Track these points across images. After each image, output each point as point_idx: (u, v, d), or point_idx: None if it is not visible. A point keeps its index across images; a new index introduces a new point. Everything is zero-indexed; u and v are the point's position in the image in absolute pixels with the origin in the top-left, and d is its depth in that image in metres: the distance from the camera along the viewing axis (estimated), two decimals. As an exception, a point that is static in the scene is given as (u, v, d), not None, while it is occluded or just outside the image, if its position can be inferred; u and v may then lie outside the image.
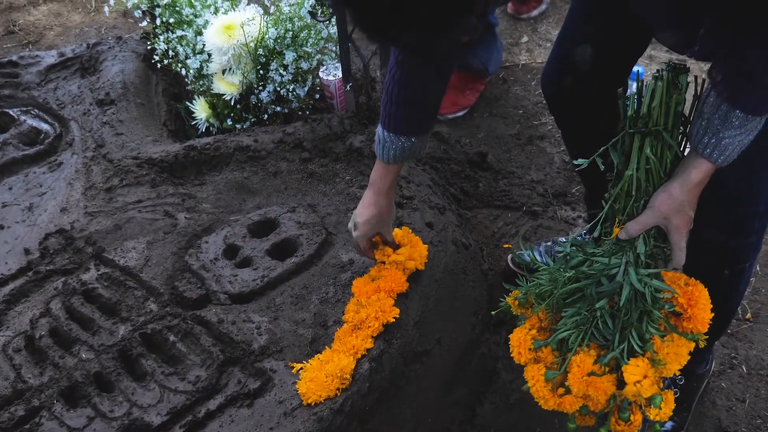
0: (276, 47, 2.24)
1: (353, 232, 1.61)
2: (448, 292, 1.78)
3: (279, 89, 2.26)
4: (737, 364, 1.97)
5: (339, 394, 1.47)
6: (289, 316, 1.67)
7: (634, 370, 1.26)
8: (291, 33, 2.25)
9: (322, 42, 2.30)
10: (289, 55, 2.22)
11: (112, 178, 2.07)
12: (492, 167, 2.51)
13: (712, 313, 1.31)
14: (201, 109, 2.34)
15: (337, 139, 2.14)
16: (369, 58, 2.23)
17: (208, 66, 2.28)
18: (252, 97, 2.28)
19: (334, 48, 2.35)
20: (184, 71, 2.33)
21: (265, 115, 2.31)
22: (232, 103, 2.28)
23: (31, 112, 2.36)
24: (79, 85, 2.44)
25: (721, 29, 1.19)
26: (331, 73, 2.38)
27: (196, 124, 2.37)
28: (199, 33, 2.31)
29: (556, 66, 1.73)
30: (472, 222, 2.32)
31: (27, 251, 1.87)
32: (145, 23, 2.53)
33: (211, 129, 2.36)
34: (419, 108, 1.47)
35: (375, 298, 1.59)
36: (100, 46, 2.58)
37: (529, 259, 1.53)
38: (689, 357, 1.31)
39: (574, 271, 1.36)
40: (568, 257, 1.40)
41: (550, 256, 2.09)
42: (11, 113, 2.33)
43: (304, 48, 2.26)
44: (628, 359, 1.29)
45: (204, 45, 2.27)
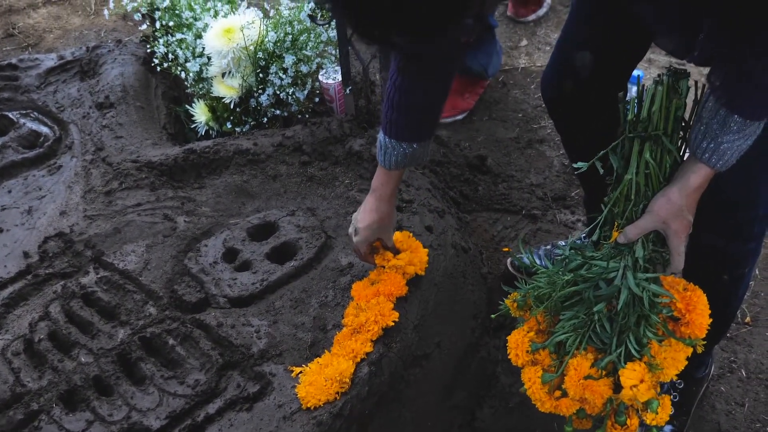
0: (276, 51, 2.24)
1: (354, 237, 1.61)
2: (448, 295, 1.78)
3: (278, 92, 2.26)
4: (736, 368, 1.97)
5: (338, 398, 1.47)
6: (288, 319, 1.67)
7: (631, 375, 1.26)
8: (291, 36, 2.25)
9: (321, 45, 2.31)
10: (288, 59, 2.23)
11: (111, 182, 2.07)
12: (491, 171, 2.51)
13: (711, 318, 1.31)
14: (200, 113, 2.35)
15: (337, 142, 2.14)
16: (368, 62, 2.23)
17: (207, 69, 2.29)
18: (251, 100, 2.28)
19: (334, 51, 2.35)
20: (183, 74, 2.33)
21: (265, 119, 2.31)
22: (232, 107, 2.28)
23: (31, 115, 2.36)
24: (78, 89, 2.44)
25: (720, 34, 1.19)
26: (330, 77, 2.38)
27: (195, 127, 2.37)
28: (198, 36, 2.32)
29: (556, 70, 1.74)
30: (471, 225, 2.32)
31: (26, 254, 1.87)
32: (144, 26, 2.53)
33: (210, 132, 2.36)
34: (420, 114, 1.47)
35: (374, 301, 1.59)
36: (99, 49, 2.58)
37: (528, 262, 1.53)
38: (686, 362, 1.31)
39: (573, 274, 1.37)
40: (567, 260, 1.40)
41: (550, 259, 2.09)
42: (11, 116, 2.33)
43: (304, 51, 2.26)
44: (625, 363, 1.29)
45: (204, 48, 2.27)
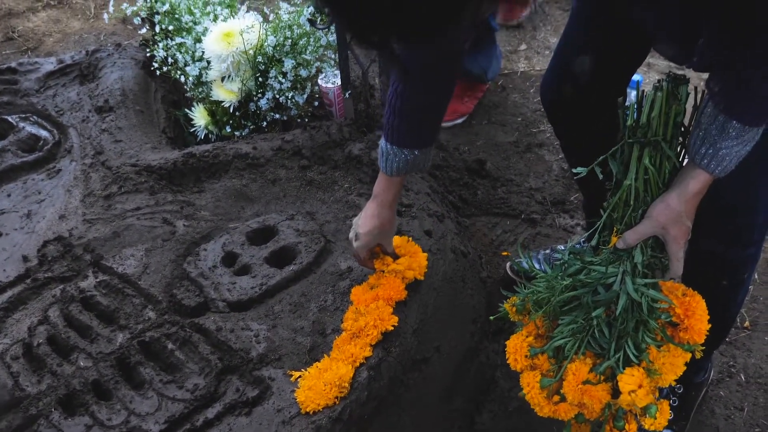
0: (275, 55, 2.25)
1: (354, 242, 1.61)
2: (447, 300, 1.78)
3: (278, 97, 2.26)
4: (735, 372, 1.97)
5: (337, 403, 1.47)
6: (287, 324, 1.67)
7: (629, 380, 1.27)
8: (290, 41, 2.26)
9: (321, 49, 2.31)
10: (288, 63, 2.23)
11: (110, 186, 2.07)
12: (490, 175, 2.52)
13: (710, 324, 1.31)
14: (200, 117, 2.35)
15: (336, 146, 2.15)
16: (368, 66, 2.23)
17: (207, 73, 2.29)
18: (251, 104, 2.28)
19: (333, 56, 2.35)
20: (183, 78, 2.33)
21: (264, 123, 2.31)
22: (231, 111, 2.28)
23: (30, 119, 2.36)
24: (78, 92, 2.44)
25: (719, 40, 1.19)
26: (330, 81, 2.38)
27: (194, 131, 2.37)
28: (198, 40, 2.32)
29: (556, 74, 1.74)
30: (470, 230, 2.32)
31: (25, 258, 1.87)
32: (144, 30, 2.53)
33: (210, 136, 2.36)
34: (422, 121, 1.47)
35: (374, 306, 1.59)
36: (99, 53, 2.58)
37: (527, 266, 1.54)
38: (685, 367, 1.31)
39: (572, 279, 1.37)
40: (566, 265, 1.41)
41: (549, 264, 2.09)
42: (10, 120, 2.33)
43: (303, 55, 2.27)
44: (624, 368, 1.29)
45: (203, 52, 2.28)
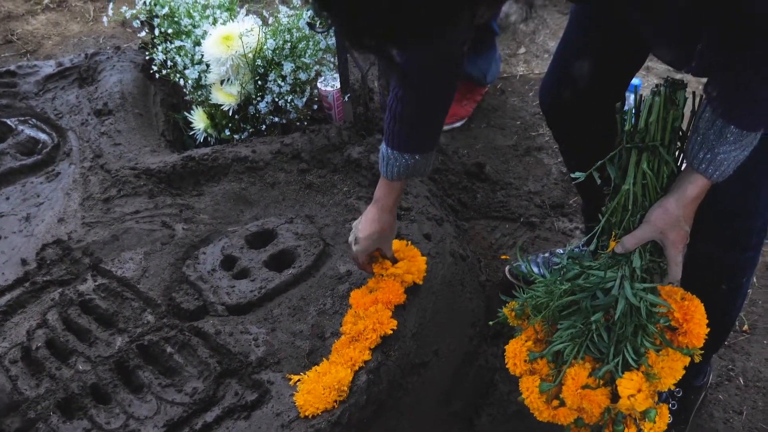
0: (274, 58, 2.25)
1: (353, 246, 1.61)
2: (446, 303, 1.78)
3: (277, 100, 2.26)
4: (734, 376, 1.97)
5: (336, 407, 1.47)
6: (286, 327, 1.67)
7: (629, 384, 1.27)
8: (289, 44, 2.26)
9: (320, 53, 2.31)
10: (287, 66, 2.23)
11: (109, 189, 2.07)
12: (489, 178, 2.52)
13: (709, 328, 1.31)
14: (199, 120, 2.35)
15: (335, 150, 2.15)
16: (367, 69, 2.24)
17: (206, 76, 2.29)
18: (250, 107, 2.29)
19: (333, 59, 2.36)
20: (182, 81, 2.34)
21: (263, 126, 2.31)
22: (231, 114, 2.28)
23: (29, 122, 2.36)
24: (77, 95, 2.44)
25: (718, 45, 1.20)
26: (329, 84, 2.39)
27: (194, 134, 2.38)
28: (197, 43, 2.32)
29: (555, 79, 1.74)
30: (469, 233, 2.32)
31: (24, 262, 1.87)
32: (143, 33, 2.53)
33: (209, 139, 2.36)
34: (422, 126, 1.47)
35: (373, 309, 1.59)
36: (98, 56, 2.59)
37: (526, 270, 1.54)
38: (684, 371, 1.31)
39: (570, 283, 1.37)
40: (564, 270, 1.41)
41: (548, 267, 2.08)
42: (9, 123, 2.33)
43: (303, 59, 2.27)
44: (623, 373, 1.29)
45: (202, 55, 2.28)
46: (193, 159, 2.14)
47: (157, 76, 2.43)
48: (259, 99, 2.26)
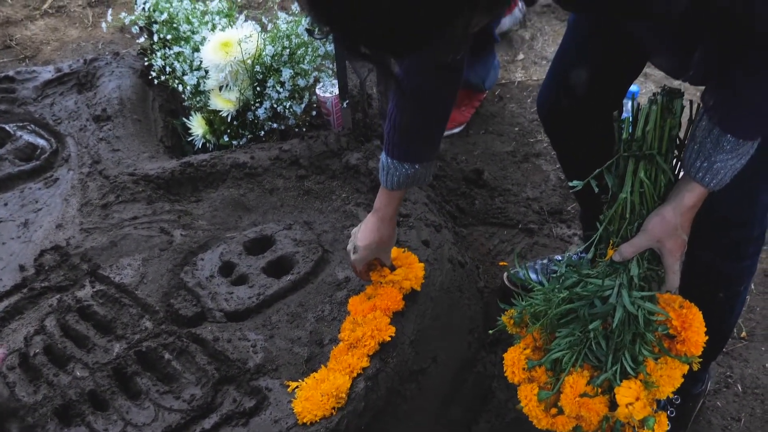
0: (273, 64, 2.25)
1: (352, 254, 1.60)
2: (444, 310, 1.78)
3: (276, 106, 2.26)
4: (732, 383, 1.97)
5: (335, 413, 1.47)
6: (284, 334, 1.67)
7: (627, 392, 1.27)
8: (288, 50, 2.26)
9: (319, 59, 2.31)
10: (286, 72, 2.23)
11: (108, 195, 2.07)
12: (488, 184, 2.52)
13: (707, 336, 1.31)
14: (198, 126, 2.35)
15: (334, 156, 2.15)
16: (366, 76, 2.24)
17: (205, 82, 2.29)
18: (249, 113, 2.29)
19: (331, 65, 2.36)
20: (181, 87, 2.34)
21: (262, 132, 2.31)
22: (229, 120, 2.28)
23: (28, 128, 2.36)
24: (75, 101, 2.44)
25: (715, 54, 1.20)
26: (327, 90, 2.39)
27: (192, 140, 2.38)
28: (196, 49, 2.32)
29: (552, 87, 1.74)
30: (468, 239, 2.32)
31: (22, 268, 1.87)
32: (142, 39, 2.54)
33: (207, 145, 2.36)
34: (422, 135, 1.47)
35: (371, 316, 1.59)
36: (97, 61, 2.58)
37: (524, 277, 1.54)
38: (683, 379, 1.31)
39: (568, 291, 1.37)
40: (563, 278, 1.41)
41: (546, 274, 2.09)
42: (7, 128, 2.33)
43: (301, 65, 2.27)
44: (621, 381, 1.29)
45: (201, 61, 2.28)
46: (192, 165, 2.14)
47: (155, 82, 2.43)
48: (257, 105, 2.26)
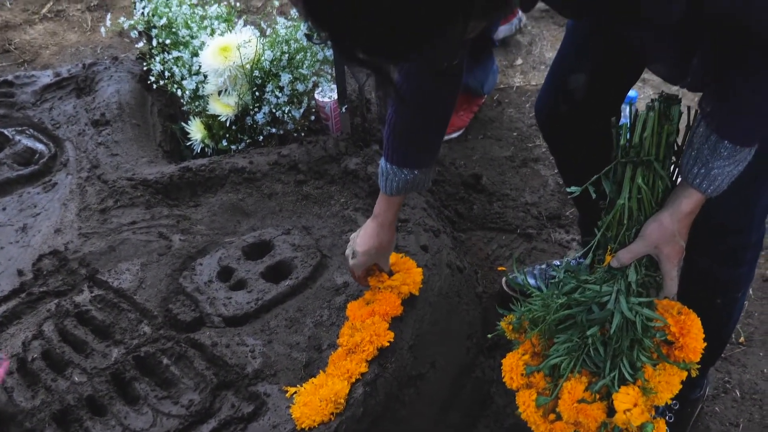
0: (272, 69, 2.25)
1: (350, 259, 1.60)
2: (443, 315, 1.78)
3: (274, 111, 2.27)
4: (731, 388, 1.97)
5: (333, 419, 1.47)
6: (283, 339, 1.67)
7: (625, 398, 1.27)
8: (287, 55, 2.26)
9: (317, 64, 2.31)
10: (284, 77, 2.24)
11: (106, 199, 2.07)
12: (486, 189, 2.52)
13: (705, 342, 1.31)
14: (196, 130, 2.35)
15: (333, 161, 2.15)
16: (364, 81, 2.24)
17: (203, 87, 2.29)
18: (247, 118, 2.29)
19: (330, 70, 2.36)
20: (179, 92, 2.34)
21: (261, 137, 2.32)
22: (228, 125, 2.29)
23: (26, 132, 2.36)
24: (74, 105, 2.44)
25: (712, 61, 1.20)
26: (326, 95, 2.39)
27: (191, 145, 2.38)
28: (195, 54, 2.32)
29: (551, 93, 1.74)
30: (466, 244, 2.32)
31: (20, 272, 1.87)
32: (141, 44, 2.54)
33: (206, 150, 2.36)
34: (421, 141, 1.47)
35: (369, 321, 1.59)
36: (95, 66, 2.59)
37: (522, 282, 1.54)
38: (681, 386, 1.32)
39: (567, 297, 1.37)
40: (561, 283, 1.41)
41: (544, 279, 2.09)
42: (6, 133, 2.33)
43: (300, 70, 2.27)
44: (619, 387, 1.29)
45: (200, 66, 2.28)
46: (190, 170, 2.14)
47: (154, 86, 2.44)
48: (256, 110, 2.27)
